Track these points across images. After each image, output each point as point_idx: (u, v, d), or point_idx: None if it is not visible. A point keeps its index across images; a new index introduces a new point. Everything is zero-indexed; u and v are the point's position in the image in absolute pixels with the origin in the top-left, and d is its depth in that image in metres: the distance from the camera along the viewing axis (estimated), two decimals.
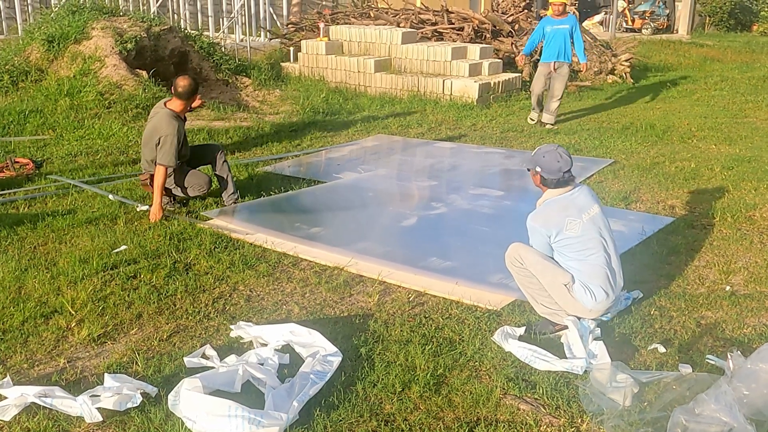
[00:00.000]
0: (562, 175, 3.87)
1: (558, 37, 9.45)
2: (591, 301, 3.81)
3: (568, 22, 9.47)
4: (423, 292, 4.48)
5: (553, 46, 9.49)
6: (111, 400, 3.14)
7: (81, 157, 7.65)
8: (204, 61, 11.56)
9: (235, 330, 3.91)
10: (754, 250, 5.21)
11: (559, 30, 9.43)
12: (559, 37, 9.45)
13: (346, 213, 6.18)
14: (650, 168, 7.47)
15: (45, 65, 10.13)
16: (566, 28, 9.43)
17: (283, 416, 3.00)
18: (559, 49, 9.47)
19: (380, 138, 9.14)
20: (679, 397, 3.15)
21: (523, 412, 3.20)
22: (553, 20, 9.52)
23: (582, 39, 9.78)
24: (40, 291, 4.40)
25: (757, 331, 3.98)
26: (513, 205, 6.36)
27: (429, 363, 3.57)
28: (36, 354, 3.72)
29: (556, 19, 9.49)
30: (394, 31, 12.67)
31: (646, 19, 24.56)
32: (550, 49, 9.54)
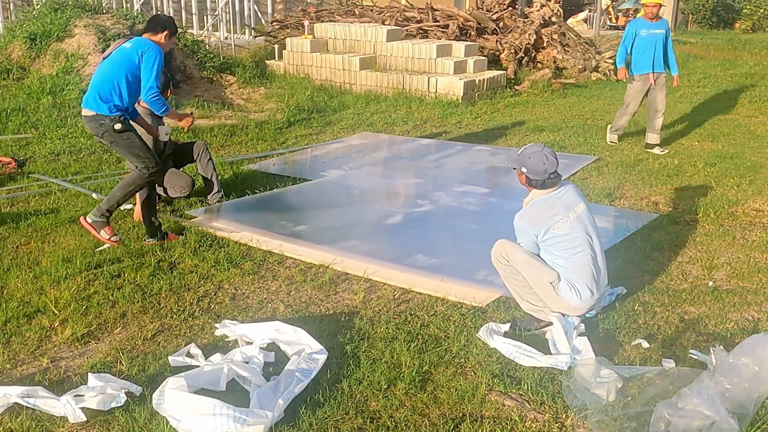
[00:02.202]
0: (547, 176, 3.88)
1: (655, 43, 8.22)
2: (576, 299, 3.82)
3: (662, 26, 8.32)
4: (408, 289, 4.48)
5: (649, 54, 8.22)
6: (95, 399, 3.12)
7: (64, 156, 7.60)
8: (188, 59, 11.50)
9: (220, 328, 3.90)
10: (737, 245, 5.26)
11: (655, 35, 8.21)
12: (656, 43, 8.22)
13: (331, 211, 6.17)
14: (634, 165, 7.52)
15: (27, 63, 10.05)
16: (661, 34, 8.25)
17: (269, 414, 2.99)
18: (657, 55, 8.24)
19: (366, 136, 9.14)
20: (663, 392, 3.17)
21: (508, 408, 3.22)
22: (647, 23, 8.28)
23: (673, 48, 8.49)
24: (23, 291, 4.37)
25: (739, 326, 4.02)
26: (498, 202, 6.38)
27: (414, 360, 3.58)
28: (19, 354, 3.69)
29: (651, 22, 8.26)
30: (379, 29, 12.66)
31: (629, 16, 24.63)
32: (645, 57, 8.24)
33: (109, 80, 4.81)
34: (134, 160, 4.95)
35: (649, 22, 8.26)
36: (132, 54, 4.82)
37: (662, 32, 8.23)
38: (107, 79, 4.82)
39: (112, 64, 4.85)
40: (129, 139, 4.88)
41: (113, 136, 4.83)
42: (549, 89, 12.37)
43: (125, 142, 4.87)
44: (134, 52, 4.81)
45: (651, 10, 8.20)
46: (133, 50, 4.83)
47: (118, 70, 4.82)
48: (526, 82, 12.62)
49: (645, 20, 8.31)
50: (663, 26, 8.31)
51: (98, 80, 4.86)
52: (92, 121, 4.85)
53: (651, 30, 8.20)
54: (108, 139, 4.87)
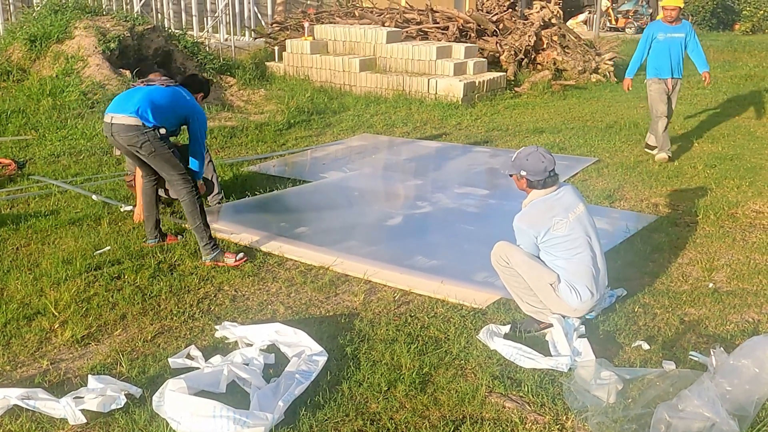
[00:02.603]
0: (548, 174, 3.88)
1: (673, 47, 7.82)
2: (576, 301, 3.82)
3: (683, 29, 7.86)
4: (408, 291, 4.48)
5: (667, 58, 7.82)
6: (95, 401, 3.12)
7: (64, 158, 7.59)
8: (188, 61, 11.51)
9: (220, 330, 3.89)
10: (737, 247, 5.25)
11: (673, 39, 7.80)
12: (674, 48, 7.82)
13: (331, 212, 6.17)
14: (634, 166, 7.52)
15: (27, 65, 10.05)
16: (681, 38, 7.81)
17: (269, 416, 2.99)
18: (674, 61, 7.84)
19: (365, 137, 9.14)
20: (663, 394, 3.17)
21: (508, 409, 3.21)
22: (665, 26, 7.89)
23: (701, 47, 8.03)
24: (23, 292, 4.36)
25: (739, 328, 4.02)
26: (498, 203, 6.38)
27: (414, 362, 3.58)
28: (19, 356, 3.69)
29: (670, 25, 7.85)
30: (379, 31, 12.67)
31: (629, 18, 24.72)
32: (662, 62, 7.84)
33: (161, 107, 4.80)
34: (172, 170, 4.84)
35: (668, 25, 7.86)
36: (187, 108, 4.95)
37: (681, 36, 7.82)
38: (160, 106, 4.81)
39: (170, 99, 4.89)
40: (171, 149, 4.83)
41: (154, 145, 4.72)
42: (549, 91, 12.37)
43: (167, 152, 4.79)
44: (189, 109, 4.96)
45: (670, 13, 7.77)
46: (189, 106, 4.97)
47: (174, 107, 4.89)
48: (525, 84, 12.63)
49: (664, 23, 7.92)
50: (683, 30, 7.87)
51: (148, 99, 4.78)
52: (132, 130, 4.70)
53: (669, 34, 7.81)
54: (147, 149, 4.73)
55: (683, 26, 7.90)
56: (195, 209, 4.88)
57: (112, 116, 4.77)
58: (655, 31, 7.92)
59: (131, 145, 4.75)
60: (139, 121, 4.70)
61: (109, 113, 4.81)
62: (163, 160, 4.81)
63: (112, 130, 4.78)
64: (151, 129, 4.72)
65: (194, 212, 4.88)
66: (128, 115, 4.72)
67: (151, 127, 4.72)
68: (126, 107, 4.76)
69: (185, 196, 4.87)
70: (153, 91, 4.88)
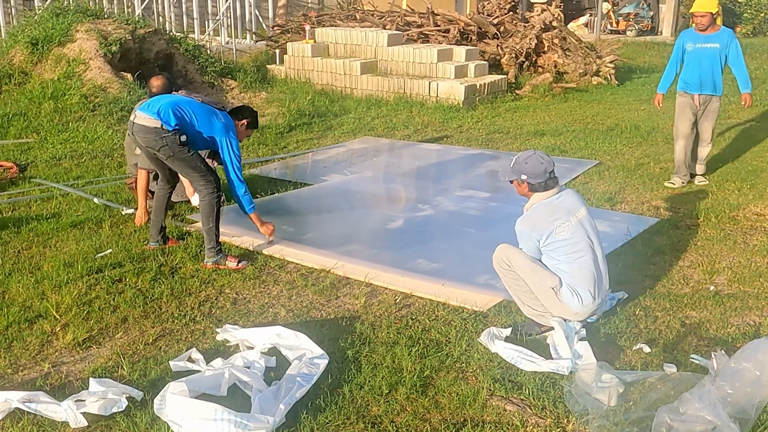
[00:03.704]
0: (548, 176, 3.88)
1: (703, 59, 6.77)
2: (578, 305, 3.82)
3: (718, 39, 6.77)
4: (409, 293, 4.48)
5: (695, 71, 6.85)
6: (96, 404, 3.12)
7: (65, 161, 7.60)
8: (189, 64, 11.52)
9: (222, 333, 3.90)
10: (738, 250, 5.25)
11: (705, 50, 6.76)
12: (704, 60, 6.77)
13: (332, 215, 6.18)
14: (635, 169, 7.52)
15: (29, 68, 10.06)
16: (715, 48, 6.75)
17: (270, 419, 3.00)
18: (705, 76, 6.79)
19: (367, 140, 9.15)
20: (664, 397, 3.17)
21: (509, 412, 3.21)
22: (695, 35, 6.88)
23: (743, 61, 6.88)
24: (25, 295, 4.37)
25: (740, 331, 4.02)
26: (499, 206, 6.38)
27: (416, 365, 3.58)
28: (20, 359, 3.69)
29: (702, 34, 6.82)
30: (380, 33, 12.68)
31: (630, 20, 24.70)
32: (690, 76, 6.90)
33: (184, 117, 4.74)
34: (192, 172, 4.81)
35: (699, 34, 6.83)
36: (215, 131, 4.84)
37: (715, 47, 6.74)
38: (187, 112, 4.76)
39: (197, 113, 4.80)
40: (191, 153, 4.77)
41: (174, 149, 4.67)
42: (550, 93, 12.38)
43: (187, 156, 4.74)
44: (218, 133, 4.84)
45: (699, 20, 6.75)
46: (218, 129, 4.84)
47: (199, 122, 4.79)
48: (526, 87, 12.63)
49: (695, 32, 6.90)
50: (719, 39, 6.74)
51: (175, 105, 4.74)
52: (151, 132, 4.65)
53: (700, 44, 6.80)
54: (166, 153, 4.69)
55: (719, 35, 6.79)
56: (211, 212, 4.85)
57: (136, 115, 4.76)
58: (684, 41, 6.97)
59: (149, 146, 4.72)
60: (158, 123, 4.64)
61: (135, 111, 4.83)
62: (183, 163, 4.77)
63: (132, 129, 4.77)
64: (170, 133, 4.65)
65: (210, 214, 4.85)
66: (149, 116, 4.67)
67: (171, 131, 4.65)
68: (150, 108, 4.72)
69: (206, 197, 4.84)
70: (184, 100, 4.85)
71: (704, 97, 6.88)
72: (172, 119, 4.67)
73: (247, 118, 5.18)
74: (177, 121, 4.69)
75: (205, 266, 4.85)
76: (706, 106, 6.92)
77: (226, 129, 4.89)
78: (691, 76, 6.88)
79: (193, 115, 4.80)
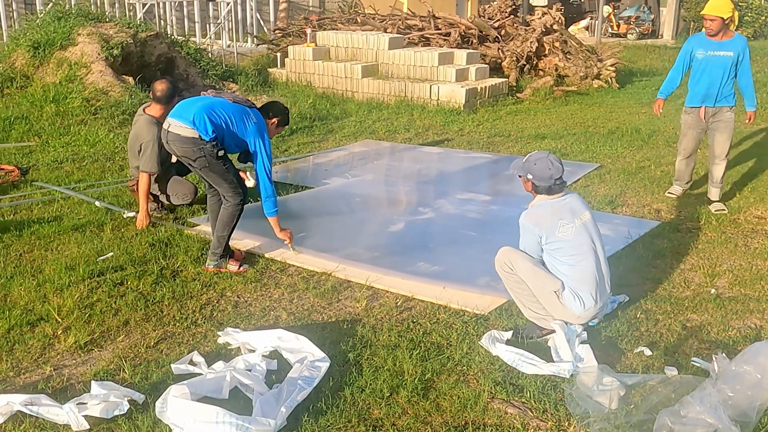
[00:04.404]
0: (553, 182, 3.89)
1: (714, 68, 6.12)
2: (580, 308, 3.82)
3: (732, 46, 6.09)
4: (411, 296, 4.49)
5: (705, 81, 6.19)
6: (98, 407, 3.13)
7: (67, 164, 7.61)
8: (191, 67, 11.54)
9: (223, 336, 3.90)
10: (739, 253, 5.26)
11: (716, 58, 6.12)
12: (715, 69, 6.12)
13: (333, 218, 6.18)
14: (636, 172, 7.52)
15: (30, 71, 10.07)
16: (728, 57, 6.09)
17: (271, 422, 3.00)
18: (714, 86, 6.15)
19: (368, 143, 9.16)
20: (665, 400, 3.17)
21: (510, 415, 3.22)
22: (707, 41, 6.18)
23: (750, 74, 6.27)
24: (26, 298, 4.37)
25: (741, 334, 4.02)
26: (500, 209, 6.39)
27: (417, 368, 3.58)
28: (22, 362, 3.70)
29: (714, 40, 6.13)
30: (381, 37, 12.70)
31: (631, 24, 24.74)
32: (696, 86, 6.27)
33: (223, 117, 4.64)
34: (223, 183, 4.74)
35: (710, 40, 6.15)
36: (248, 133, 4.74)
37: (728, 55, 6.08)
38: (221, 116, 4.64)
39: (231, 115, 4.68)
40: (225, 165, 4.71)
41: (210, 161, 4.61)
42: (551, 97, 12.39)
43: (222, 168, 4.69)
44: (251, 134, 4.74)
45: (709, 25, 6.09)
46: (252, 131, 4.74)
47: (233, 125, 4.68)
48: (527, 90, 12.65)
49: (706, 38, 6.20)
50: (732, 47, 6.08)
51: (208, 110, 4.62)
52: (189, 143, 4.57)
53: (712, 51, 6.13)
54: (202, 163, 4.61)
55: (734, 42, 6.11)
56: (231, 222, 4.81)
57: (170, 123, 4.65)
58: (694, 47, 6.27)
59: (185, 156, 4.64)
60: (195, 133, 4.54)
61: (168, 119, 4.70)
62: (216, 174, 4.72)
63: (168, 138, 4.65)
64: (208, 144, 4.56)
65: (228, 224, 4.81)
66: (185, 125, 4.57)
67: (208, 141, 4.56)
68: (184, 115, 4.61)
69: (230, 206, 4.79)
70: (216, 102, 4.71)
71: (712, 109, 6.25)
72: (209, 127, 4.55)
73: (278, 116, 5.08)
74: (213, 128, 4.58)
75: (207, 269, 4.84)
76: (718, 117, 6.25)
77: (258, 130, 4.79)
78: (699, 86, 6.24)
79: (227, 118, 4.67)
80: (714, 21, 5.99)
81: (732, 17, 6.01)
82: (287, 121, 5.21)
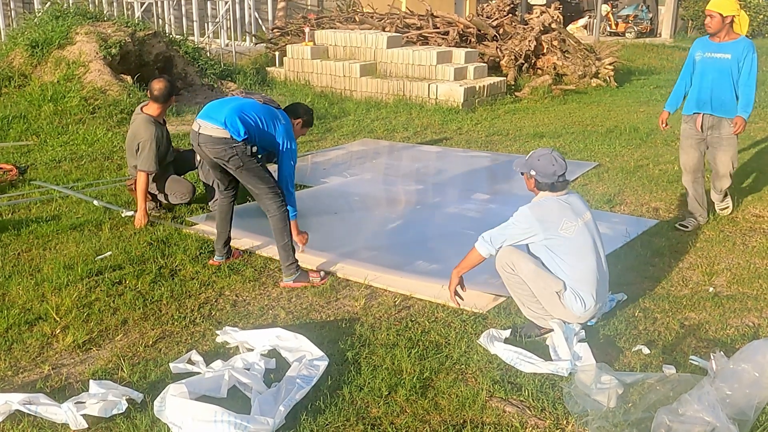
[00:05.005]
0: (556, 179, 3.88)
1: (709, 71, 5.60)
2: (581, 309, 3.82)
3: (732, 48, 5.51)
4: (409, 295, 4.49)
5: (697, 85, 5.69)
6: (96, 406, 3.12)
7: (65, 163, 7.61)
8: (189, 66, 11.53)
9: (221, 335, 3.90)
10: (737, 251, 5.26)
11: (713, 60, 5.58)
12: (710, 72, 5.60)
13: (332, 217, 6.18)
14: (634, 171, 7.53)
15: (28, 71, 10.07)
16: (725, 60, 5.52)
17: (270, 421, 3.00)
18: (707, 92, 5.61)
19: (366, 142, 9.16)
20: (663, 398, 3.17)
21: (509, 414, 3.22)
22: (708, 43, 5.65)
23: (754, 81, 5.54)
24: (25, 298, 4.37)
25: (739, 332, 4.03)
26: (499, 208, 6.38)
27: (415, 366, 3.58)
28: (20, 361, 3.70)
29: (714, 42, 5.59)
30: (380, 36, 12.70)
31: (629, 22, 24.75)
32: (694, 90, 5.74)
33: (253, 118, 4.56)
34: (260, 184, 4.61)
35: (711, 42, 5.61)
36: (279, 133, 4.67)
37: (726, 57, 5.51)
38: (252, 117, 4.56)
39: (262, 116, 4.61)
40: (260, 163, 4.62)
41: (244, 159, 4.50)
42: (549, 95, 12.40)
43: (256, 167, 4.58)
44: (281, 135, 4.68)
45: (708, 21, 5.57)
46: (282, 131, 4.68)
47: (264, 126, 4.61)
48: (526, 89, 12.65)
49: (708, 40, 5.67)
50: (732, 49, 5.50)
51: (239, 111, 4.53)
52: (220, 143, 4.47)
53: (709, 53, 5.62)
54: (235, 163, 4.51)
55: (735, 45, 5.51)
56: (284, 226, 4.65)
57: (200, 125, 4.55)
58: (696, 49, 5.75)
59: (218, 158, 4.53)
60: (227, 134, 4.45)
61: (198, 120, 4.59)
62: (252, 174, 4.60)
63: (199, 140, 4.55)
64: (240, 143, 4.48)
65: (283, 229, 4.65)
66: (216, 126, 4.48)
67: (240, 141, 4.48)
68: (215, 116, 4.53)
69: (275, 211, 4.63)
70: (246, 104, 4.64)
71: (709, 119, 5.64)
72: (240, 128, 4.46)
73: (302, 117, 5.05)
74: (245, 129, 4.49)
75: (286, 285, 4.64)
76: (717, 132, 5.65)
77: (287, 132, 4.72)
78: (694, 90, 5.73)
79: (258, 119, 4.59)
80: (713, 18, 5.48)
81: (735, 17, 5.49)
82: (312, 122, 5.19)
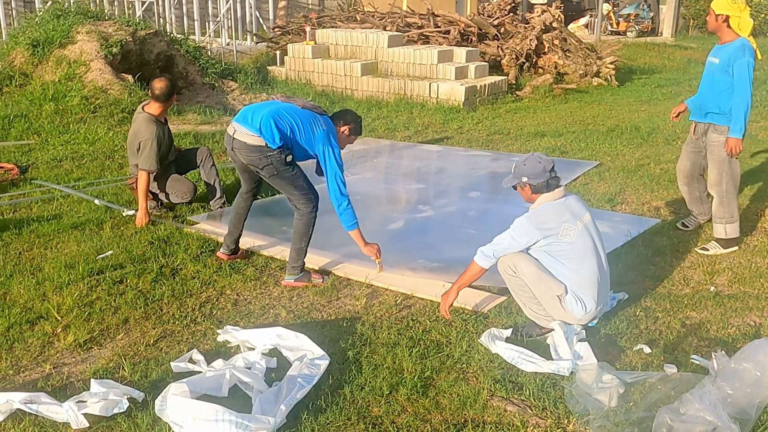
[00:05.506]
0: (548, 175, 3.87)
1: (704, 77, 5.35)
2: (581, 312, 3.81)
3: (721, 53, 5.14)
4: (410, 294, 4.49)
5: (698, 94, 5.44)
6: (97, 405, 3.13)
7: (66, 162, 7.61)
8: (190, 65, 11.53)
9: (222, 334, 3.90)
10: (738, 250, 5.25)
11: (708, 64, 5.33)
12: (704, 77, 5.35)
13: (333, 216, 6.15)
14: (635, 170, 7.52)
15: (30, 70, 10.07)
16: (714, 64, 5.19)
17: (271, 420, 3.00)
18: (701, 99, 5.35)
19: (367, 141, 9.15)
20: (664, 397, 3.17)
21: (510, 413, 3.22)
22: (715, 46, 5.32)
23: (747, 88, 5.00)
24: (26, 297, 4.37)
25: (741, 331, 4.02)
26: (500, 207, 6.39)
27: (416, 365, 3.58)
28: (22, 360, 3.70)
29: (717, 44, 5.26)
30: (381, 35, 12.69)
31: (630, 21, 24.72)
32: (694, 99, 5.50)
33: (290, 124, 4.42)
34: (293, 190, 4.54)
35: (716, 44, 5.27)
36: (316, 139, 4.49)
37: (714, 61, 5.19)
38: (288, 122, 4.42)
39: (298, 121, 4.45)
40: (295, 171, 4.50)
41: (279, 168, 4.40)
42: (550, 94, 12.39)
43: (291, 174, 4.48)
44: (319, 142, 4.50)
45: (707, 21, 5.30)
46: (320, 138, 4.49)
47: (299, 131, 4.45)
48: (527, 88, 12.65)
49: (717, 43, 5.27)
50: (721, 53, 5.13)
51: (275, 116, 4.40)
52: (255, 151, 4.36)
53: (710, 57, 5.31)
54: (270, 171, 4.41)
55: (724, 48, 5.10)
56: (307, 232, 4.62)
57: (235, 128, 4.44)
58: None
59: (252, 164, 4.45)
60: (262, 141, 4.33)
61: (233, 123, 4.48)
62: (286, 181, 4.51)
63: (233, 145, 4.44)
64: (275, 151, 4.36)
65: (305, 234, 4.62)
66: (251, 132, 4.36)
67: (275, 150, 4.36)
68: (250, 121, 4.39)
69: (304, 216, 4.60)
70: (283, 108, 4.49)
71: (701, 126, 5.37)
72: (276, 136, 4.33)
73: (349, 124, 4.72)
74: (280, 135, 4.36)
75: (287, 284, 4.64)
76: (706, 138, 5.32)
77: (327, 136, 4.53)
78: (696, 97, 5.50)
79: (295, 123, 4.43)
80: (710, 18, 5.14)
81: (730, 17, 4.99)
82: (360, 130, 4.86)
